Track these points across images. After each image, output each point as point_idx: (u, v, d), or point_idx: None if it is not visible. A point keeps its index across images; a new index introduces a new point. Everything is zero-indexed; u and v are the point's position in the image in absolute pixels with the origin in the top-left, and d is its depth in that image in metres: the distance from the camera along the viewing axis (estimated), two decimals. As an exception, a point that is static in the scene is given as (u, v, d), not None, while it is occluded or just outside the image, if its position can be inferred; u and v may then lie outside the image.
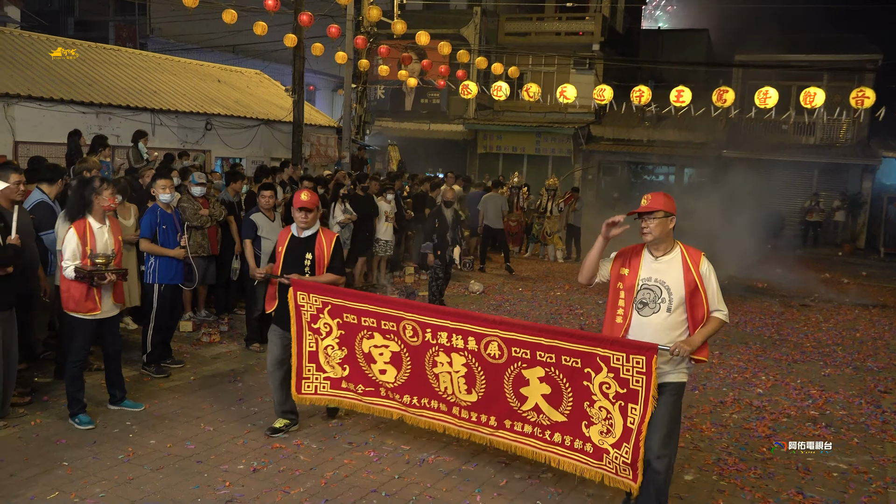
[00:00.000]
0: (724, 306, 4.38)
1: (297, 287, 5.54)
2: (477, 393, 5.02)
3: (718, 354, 9.15)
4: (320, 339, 5.56)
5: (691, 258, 4.39)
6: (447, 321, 5.03)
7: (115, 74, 16.23)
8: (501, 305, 11.72)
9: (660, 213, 4.37)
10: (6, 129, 12.73)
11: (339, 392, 5.64)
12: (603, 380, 4.48)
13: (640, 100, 17.38)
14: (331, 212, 11.29)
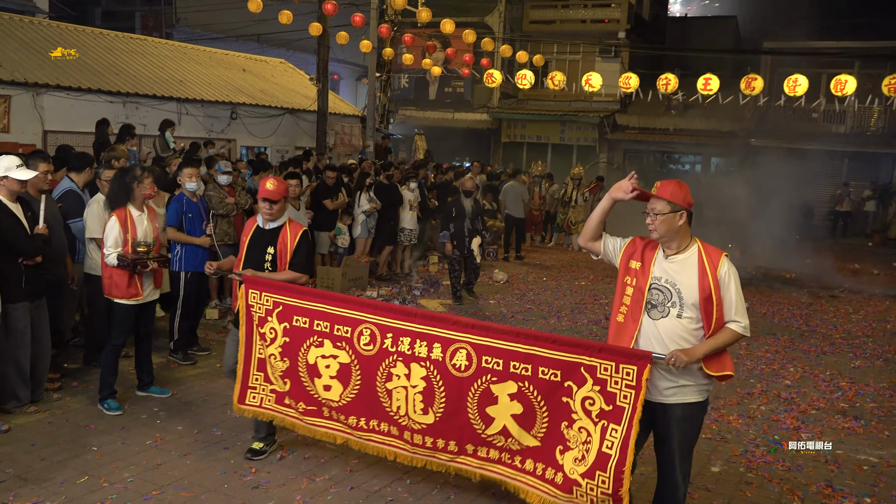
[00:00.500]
0: (745, 317, 3.79)
1: (249, 284, 4.96)
2: (434, 413, 4.33)
3: (746, 346, 9.05)
4: (265, 346, 4.91)
5: (709, 259, 3.82)
6: (413, 324, 4.39)
7: (141, 64, 16.35)
8: (525, 294, 11.68)
9: (664, 206, 3.81)
10: (36, 118, 12.89)
11: (282, 408, 4.94)
12: (587, 394, 3.90)
13: (667, 88, 17.19)
14: (356, 200, 11.32)
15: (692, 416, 3.87)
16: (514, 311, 10.35)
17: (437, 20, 17.16)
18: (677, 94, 18.10)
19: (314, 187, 10.95)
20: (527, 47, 23.02)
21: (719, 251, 3.86)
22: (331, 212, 10.76)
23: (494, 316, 10.03)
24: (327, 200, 10.63)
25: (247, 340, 4.96)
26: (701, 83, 17.09)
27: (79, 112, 13.34)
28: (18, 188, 5.46)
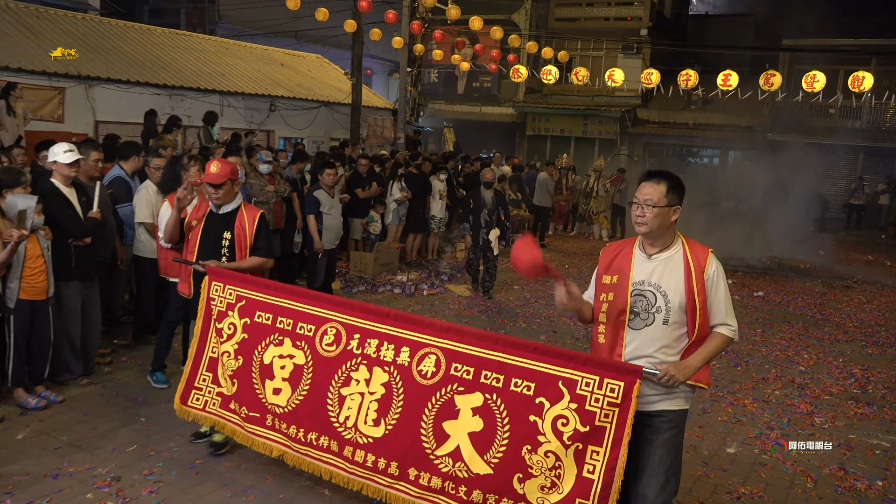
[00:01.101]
0: (734, 319, 3.36)
1: (213, 276, 4.54)
2: (386, 425, 3.76)
3: (761, 332, 8.95)
4: (220, 343, 4.43)
5: (695, 257, 3.31)
6: (384, 325, 3.91)
7: (186, 58, 16.46)
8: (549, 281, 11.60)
9: (662, 198, 3.28)
10: (88, 109, 13.04)
11: (226, 413, 4.40)
12: (560, 412, 3.32)
13: (687, 83, 16.97)
14: (388, 189, 11.33)
15: (678, 424, 3.36)
16: (538, 297, 10.31)
17: (465, 17, 17.08)
18: (697, 90, 17.88)
19: (348, 176, 10.98)
20: (552, 44, 22.80)
21: (705, 248, 3.36)
22: (363, 200, 10.78)
23: (518, 301, 10.01)
24: (359, 189, 10.65)
25: (201, 336, 4.52)
26: (721, 79, 16.80)
27: (128, 103, 13.47)
28: (68, 172, 5.53)
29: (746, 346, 8.28)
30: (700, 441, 5.49)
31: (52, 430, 5.00)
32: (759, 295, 11.46)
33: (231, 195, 4.76)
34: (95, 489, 4.24)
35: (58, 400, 5.44)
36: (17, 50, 12.41)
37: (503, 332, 8.17)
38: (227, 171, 4.68)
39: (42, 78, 12.21)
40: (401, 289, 10.10)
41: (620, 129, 25.67)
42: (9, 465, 4.47)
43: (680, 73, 17.23)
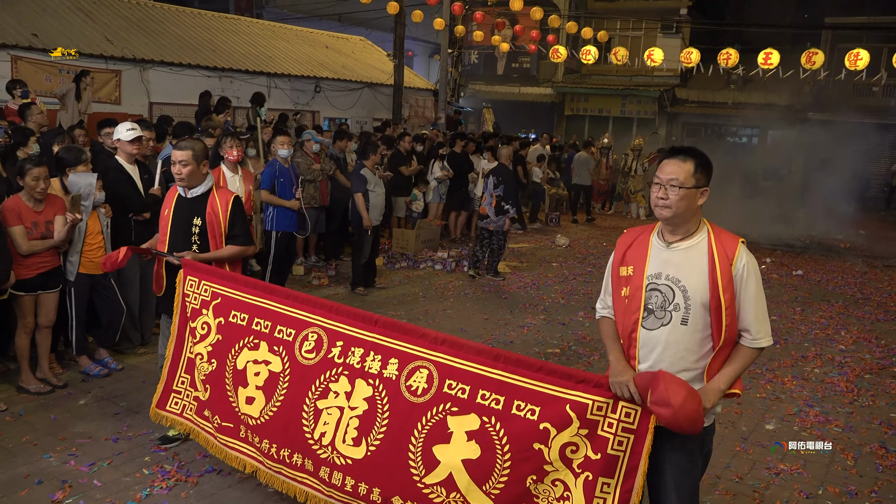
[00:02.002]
0: (766, 324, 2.76)
1: (188, 270, 4.06)
2: (368, 446, 3.24)
3: (800, 311, 8.75)
4: (194, 344, 3.95)
5: (722, 247, 2.76)
6: (371, 333, 3.38)
7: (235, 41, 16.55)
8: (587, 258, 11.51)
9: (689, 178, 2.77)
10: (142, 91, 13.21)
11: (201, 421, 3.95)
12: (569, 440, 2.87)
13: (727, 62, 16.50)
14: (429, 168, 11.30)
15: (693, 447, 2.85)
16: (576, 274, 10.21)
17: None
18: (737, 69, 17.38)
19: (390, 155, 10.97)
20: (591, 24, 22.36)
21: (735, 238, 2.80)
22: (406, 178, 10.76)
23: (557, 278, 9.93)
24: (403, 167, 10.63)
25: (178, 335, 4.07)
26: (762, 58, 16.31)
27: (180, 85, 13.61)
28: (130, 149, 5.63)
29: (786, 324, 8.10)
30: (738, 417, 5.39)
31: (112, 396, 5.12)
32: (798, 274, 11.19)
33: (198, 177, 4.20)
34: (153, 452, 4.33)
35: (117, 368, 5.57)
36: (76, 34, 12.60)
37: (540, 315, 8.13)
38: (196, 148, 4.19)
39: (100, 61, 12.39)
40: (441, 265, 10.10)
41: (659, 109, 25.19)
42: (72, 428, 4.60)
43: (720, 51, 16.78)
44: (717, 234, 2.82)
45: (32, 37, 11.66)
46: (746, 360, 2.78)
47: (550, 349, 6.76)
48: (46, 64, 11.51)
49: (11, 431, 4.52)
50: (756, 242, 14.15)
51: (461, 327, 7.31)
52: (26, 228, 4.84)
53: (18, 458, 4.19)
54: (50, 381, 5.20)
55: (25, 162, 4.89)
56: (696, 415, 2.56)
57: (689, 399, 2.56)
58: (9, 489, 3.85)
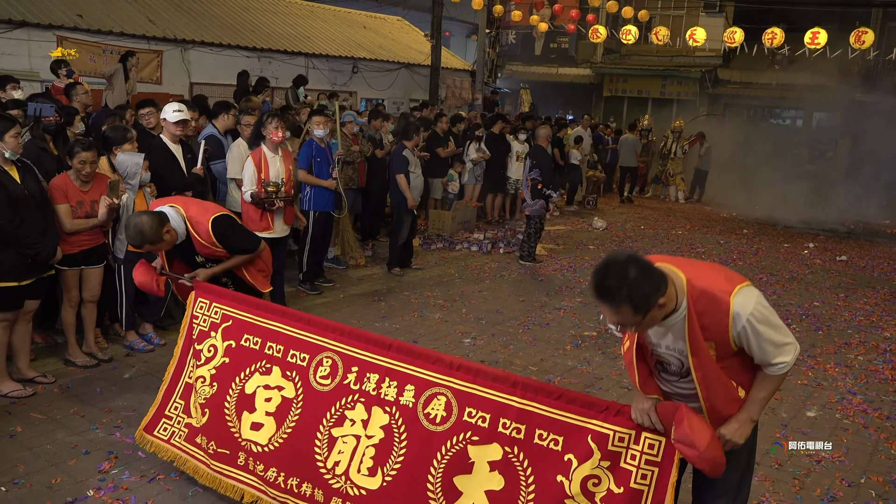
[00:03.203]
0: (789, 353, 2.47)
1: (199, 292, 3.96)
2: (384, 477, 3.11)
3: (844, 297, 8.57)
4: (196, 367, 3.80)
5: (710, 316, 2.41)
6: (385, 358, 3.26)
7: (273, 22, 16.62)
8: (623, 242, 11.40)
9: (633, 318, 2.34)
10: (183, 71, 13.36)
11: (190, 448, 3.75)
12: (589, 472, 2.72)
13: (773, 42, 16.09)
14: (465, 150, 11.25)
15: (735, 461, 2.67)
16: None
17: (545, -23, 16.62)
18: (783, 49, 16.93)
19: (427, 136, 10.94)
20: (632, 3, 21.96)
21: (725, 293, 2.40)
22: (442, 160, 10.74)
23: (594, 261, 9.85)
24: (440, 149, 10.60)
25: (180, 359, 3.92)
26: (808, 37, 15.87)
27: (220, 66, 13.73)
28: (175, 130, 5.72)
29: (828, 310, 7.94)
30: (779, 404, 5.30)
31: (155, 370, 5.23)
32: (842, 259, 10.93)
33: (171, 241, 4.01)
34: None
35: (160, 343, 5.69)
36: (119, 15, 12.77)
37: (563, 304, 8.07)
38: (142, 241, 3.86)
39: (142, 42, 12.54)
40: (477, 246, 10.08)
41: (700, 90, 24.67)
42: (117, 401, 4.72)
43: (765, 31, 16.36)
44: (701, 299, 2.41)
45: (77, 17, 11.85)
46: (773, 387, 2.57)
47: (587, 332, 6.72)
48: (91, 44, 11.70)
49: (60, 403, 4.66)
50: (798, 227, 13.88)
51: (497, 309, 7.31)
52: (71, 207, 4.94)
53: (66, 429, 4.31)
54: (95, 354, 5.34)
55: (76, 144, 4.98)
56: (719, 459, 2.49)
57: (714, 443, 2.48)
58: (58, 458, 3.97)
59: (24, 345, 4.88)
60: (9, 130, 4.38)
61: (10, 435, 4.20)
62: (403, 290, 7.73)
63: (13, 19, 10.85)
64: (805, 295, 8.58)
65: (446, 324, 6.72)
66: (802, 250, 11.60)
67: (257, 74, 12.44)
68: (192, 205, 4.15)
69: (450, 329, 6.54)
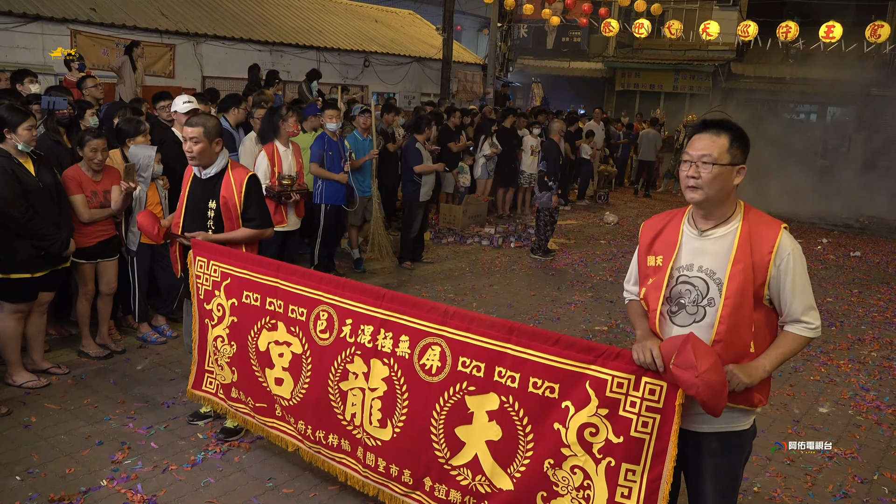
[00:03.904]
0: (815, 315, 2.45)
1: (196, 250, 3.95)
2: (393, 428, 3.15)
3: (858, 293, 8.50)
4: (212, 327, 3.89)
5: (759, 235, 2.43)
6: (378, 308, 3.20)
7: (285, 15, 16.63)
8: (635, 236, 11.33)
9: (723, 154, 2.43)
10: (196, 65, 13.39)
11: (230, 402, 3.94)
12: (587, 420, 2.62)
13: (787, 36, 15.94)
14: (479, 145, 11.23)
15: (733, 450, 2.57)
16: (624, 252, 10.08)
17: (558, -30, 16.53)
18: (797, 42, 16.78)
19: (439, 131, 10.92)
20: (644, -3, 21.85)
21: (775, 223, 2.45)
22: (454, 154, 10.72)
23: (605, 255, 9.82)
24: (451, 143, 10.58)
25: (199, 317, 4.00)
26: (823, 31, 15.70)
27: (232, 59, 13.76)
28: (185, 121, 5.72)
29: (842, 306, 7.88)
30: (791, 399, 5.27)
31: (167, 362, 5.27)
32: (856, 255, 10.85)
33: (210, 156, 3.97)
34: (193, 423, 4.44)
35: (173, 335, 5.72)
36: (132, 9, 12.81)
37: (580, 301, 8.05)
38: (208, 124, 3.93)
39: (154, 35, 12.58)
40: (488, 241, 10.07)
41: (713, 84, 24.51)
42: (130, 392, 4.75)
43: (779, 24, 16.21)
44: (755, 218, 2.48)
45: (91, 11, 11.90)
46: (794, 346, 2.48)
47: (598, 326, 6.71)
48: (104, 38, 11.75)
49: (74, 394, 4.69)
50: (812, 222, 13.78)
51: (508, 303, 7.30)
52: (86, 197, 4.97)
53: (80, 420, 4.34)
54: (109, 346, 5.38)
55: (85, 133, 5.02)
56: (719, 386, 2.30)
57: (716, 368, 2.30)
58: (72, 449, 4.01)
59: (39, 336, 4.92)
60: (22, 123, 4.40)
61: (25, 425, 4.24)
62: (414, 283, 7.73)
63: (28, 13, 10.91)
64: (818, 291, 8.52)
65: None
66: (816, 246, 11.51)
67: (269, 68, 12.45)
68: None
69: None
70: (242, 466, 3.92)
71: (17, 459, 3.86)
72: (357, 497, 3.63)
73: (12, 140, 4.41)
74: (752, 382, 2.41)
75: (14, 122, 4.38)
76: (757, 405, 2.52)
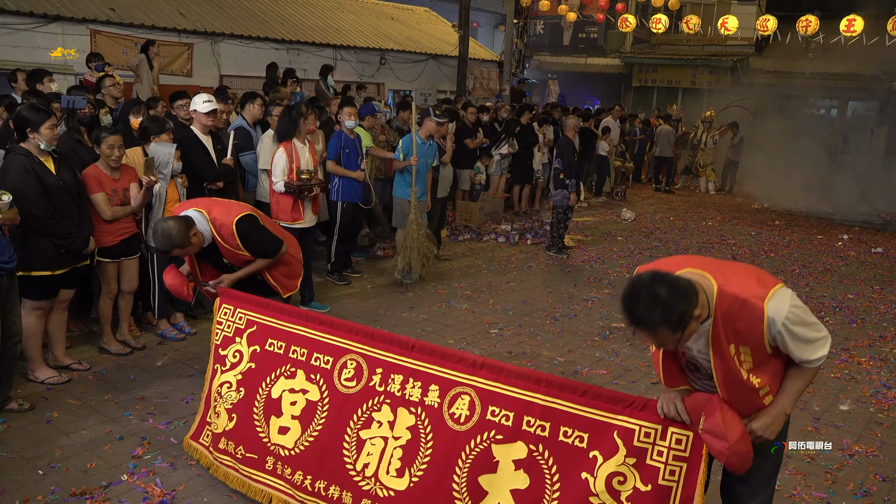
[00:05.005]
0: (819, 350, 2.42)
1: (224, 298, 3.99)
2: (411, 477, 3.11)
3: (879, 290, 8.40)
4: (222, 373, 3.83)
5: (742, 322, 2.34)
6: (408, 359, 3.25)
7: (302, 14, 16.70)
8: (653, 233, 11.28)
9: (672, 338, 2.32)
10: (213, 63, 13.48)
11: (216, 453, 3.74)
12: (615, 469, 2.68)
13: (807, 30, 15.78)
14: (498, 144, 11.22)
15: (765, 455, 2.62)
16: (642, 248, 10.02)
17: (574, -34, 16.46)
18: (818, 36, 16.58)
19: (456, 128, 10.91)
20: (662, -9, 21.68)
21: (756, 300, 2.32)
22: (470, 151, 10.72)
23: (622, 252, 9.77)
24: (468, 140, 10.58)
25: (211, 364, 3.95)
26: (844, 24, 15.52)
27: (249, 58, 13.84)
28: (205, 121, 5.78)
29: (863, 303, 7.79)
30: (811, 397, 5.22)
31: (186, 359, 5.32)
32: (877, 251, 10.72)
33: (198, 246, 4.10)
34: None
35: (191, 332, 5.78)
36: (150, 8, 12.91)
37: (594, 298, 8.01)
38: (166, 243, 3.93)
39: (172, 34, 12.68)
40: (505, 238, 10.06)
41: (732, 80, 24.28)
42: (150, 388, 4.80)
43: (799, 18, 16.04)
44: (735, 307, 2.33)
45: (110, 11, 12.01)
46: (808, 379, 2.49)
47: (615, 323, 6.68)
48: (123, 37, 11.86)
49: (94, 390, 4.75)
50: (832, 218, 13.63)
51: (524, 300, 7.29)
52: (107, 195, 5.03)
53: (101, 415, 4.40)
54: (129, 342, 5.44)
55: (101, 130, 5.07)
56: (748, 455, 2.41)
57: (745, 438, 2.40)
58: (93, 444, 4.06)
59: (60, 332, 4.98)
60: (45, 122, 4.45)
61: (47, 420, 4.30)
62: (430, 280, 7.74)
63: (48, 14, 11.04)
64: (839, 287, 8.43)
65: (473, 314, 6.72)
66: (836, 242, 11.39)
67: (286, 66, 12.52)
68: (216, 206, 4.19)
69: (477, 320, 6.54)
70: (261, 462, 3.94)
71: (39, 454, 3.91)
72: None
73: (35, 139, 4.46)
74: (773, 435, 2.50)
75: (36, 122, 4.44)
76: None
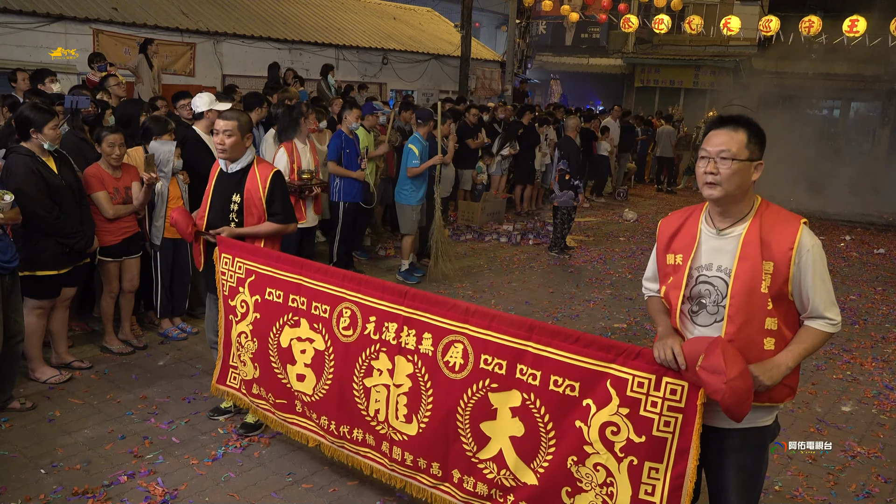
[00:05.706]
0: (836, 311, 2.43)
1: (222, 247, 3.98)
2: (419, 423, 3.20)
3: (881, 290, 8.39)
4: (236, 323, 3.93)
5: (777, 232, 2.40)
6: (401, 306, 3.23)
7: (305, 14, 16.71)
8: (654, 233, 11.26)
9: (742, 149, 2.41)
10: (216, 63, 13.49)
11: (252, 398, 3.97)
12: (608, 419, 2.65)
13: (810, 30, 15.78)
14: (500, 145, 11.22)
15: (755, 447, 2.57)
16: (644, 249, 10.02)
17: (577, -34, 16.46)
18: (820, 37, 16.57)
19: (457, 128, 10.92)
20: (664, -8, 21.67)
21: (794, 219, 2.42)
22: (472, 151, 10.72)
23: (624, 252, 9.77)
24: (469, 139, 10.58)
25: (224, 313, 4.03)
26: (847, 25, 15.50)
27: (252, 58, 13.84)
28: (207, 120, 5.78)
29: (865, 303, 7.79)
30: (813, 398, 5.22)
31: (188, 358, 5.32)
32: (880, 252, 10.71)
33: (240, 150, 4.02)
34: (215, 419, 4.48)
35: (193, 332, 5.78)
36: (153, 8, 12.93)
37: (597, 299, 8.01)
38: (237, 119, 3.98)
39: (175, 34, 12.69)
40: (507, 237, 10.06)
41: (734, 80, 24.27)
42: (152, 388, 4.81)
43: (802, 19, 16.04)
44: (772, 215, 2.45)
45: (113, 10, 12.02)
46: (815, 342, 2.44)
47: (617, 324, 6.68)
48: (126, 37, 11.87)
49: (96, 389, 4.76)
50: (835, 219, 13.61)
51: (526, 300, 7.29)
52: (109, 194, 5.04)
53: (103, 414, 4.40)
54: (131, 342, 5.44)
55: (102, 129, 5.08)
56: (746, 395, 2.29)
57: (744, 375, 2.29)
58: (95, 443, 4.06)
59: (62, 331, 4.99)
60: (48, 122, 4.46)
61: (49, 419, 4.30)
62: (432, 280, 7.74)
63: (51, 13, 11.05)
64: (841, 288, 8.42)
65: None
66: (839, 243, 11.38)
67: (288, 66, 12.52)
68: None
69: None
70: (262, 461, 3.96)
71: (41, 453, 3.92)
72: (375, 492, 3.66)
73: (38, 139, 4.47)
74: (773, 383, 2.38)
75: (40, 122, 4.44)
76: (783, 401, 2.52)
